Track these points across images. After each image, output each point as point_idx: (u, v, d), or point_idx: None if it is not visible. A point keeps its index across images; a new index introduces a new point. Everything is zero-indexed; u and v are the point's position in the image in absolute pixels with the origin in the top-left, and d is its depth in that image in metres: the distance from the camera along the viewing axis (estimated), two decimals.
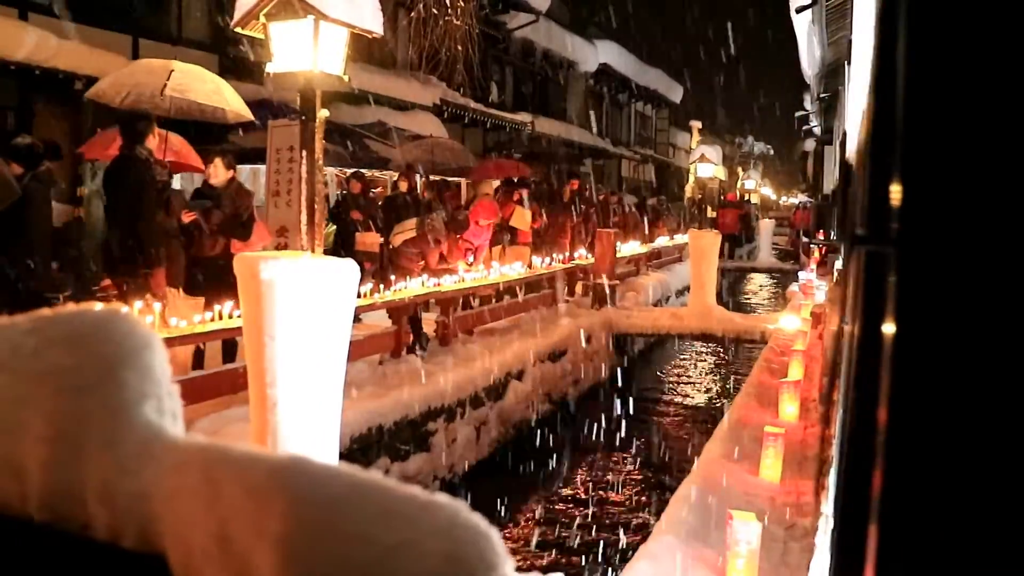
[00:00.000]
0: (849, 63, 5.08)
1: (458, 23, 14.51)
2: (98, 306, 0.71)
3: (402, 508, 0.54)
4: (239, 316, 5.93)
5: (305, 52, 5.37)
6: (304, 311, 2.94)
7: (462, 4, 14.41)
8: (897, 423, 0.74)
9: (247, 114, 8.42)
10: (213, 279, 6.41)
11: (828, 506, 4.04)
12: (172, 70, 8.10)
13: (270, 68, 5.64)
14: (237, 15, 5.63)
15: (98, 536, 0.64)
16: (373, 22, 5.58)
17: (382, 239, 9.53)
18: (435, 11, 14.35)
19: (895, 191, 0.70)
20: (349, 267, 3.04)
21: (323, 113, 5.80)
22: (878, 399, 0.72)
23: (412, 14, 14.83)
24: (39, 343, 0.69)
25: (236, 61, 11.77)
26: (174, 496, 0.60)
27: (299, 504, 0.53)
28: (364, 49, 13.02)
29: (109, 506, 0.63)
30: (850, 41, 5.72)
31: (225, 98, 8.17)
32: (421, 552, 0.52)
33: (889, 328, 0.68)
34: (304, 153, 5.95)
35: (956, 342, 0.65)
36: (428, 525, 0.53)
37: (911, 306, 0.67)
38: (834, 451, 4.24)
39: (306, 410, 3.05)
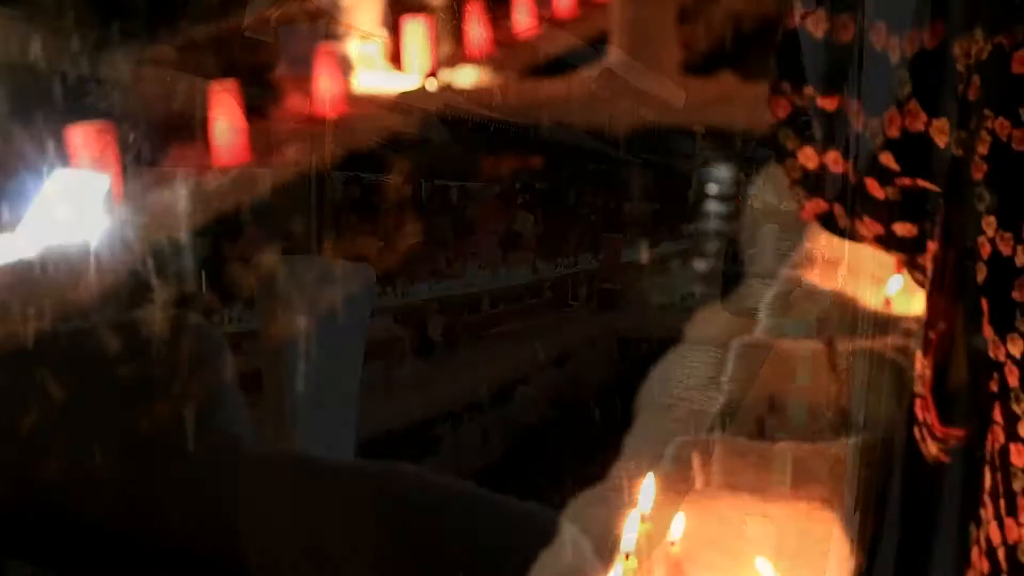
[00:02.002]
0: (861, 69, 5.09)
1: (464, 27, 14.53)
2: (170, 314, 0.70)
3: (497, 516, 0.53)
4: (238, 320, 5.98)
5: (316, 56, 5.38)
6: (322, 315, 2.94)
7: (468, 7, 14.42)
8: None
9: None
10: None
11: (842, 510, 4.03)
12: None
13: (280, 71, 5.65)
14: (247, 18, 5.64)
15: (173, 543, 0.64)
16: (382, 25, 5.59)
17: (383, 243, 9.50)
18: (442, 15, 14.38)
19: None
20: (367, 271, 3.04)
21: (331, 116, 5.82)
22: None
23: (418, 16, 14.83)
24: (111, 350, 0.69)
25: (242, 63, 11.76)
26: (257, 504, 0.60)
27: (397, 513, 0.52)
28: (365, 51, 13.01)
29: (185, 514, 0.63)
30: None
31: None
32: (516, 560, 0.52)
33: None
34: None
35: None
36: (523, 533, 0.53)
37: None
38: (848, 456, 4.23)
39: (323, 416, 3.04)
